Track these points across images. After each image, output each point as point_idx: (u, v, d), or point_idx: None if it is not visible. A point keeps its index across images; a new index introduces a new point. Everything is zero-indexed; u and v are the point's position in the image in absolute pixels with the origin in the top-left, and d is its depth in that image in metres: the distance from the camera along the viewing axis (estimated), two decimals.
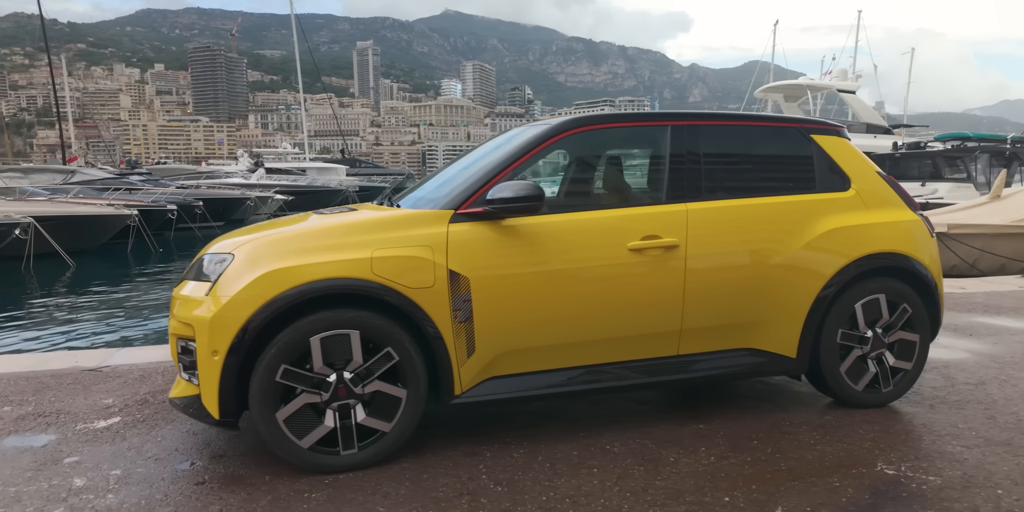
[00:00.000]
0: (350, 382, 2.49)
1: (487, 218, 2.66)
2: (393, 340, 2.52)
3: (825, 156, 3.20)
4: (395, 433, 2.56)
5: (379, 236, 2.57)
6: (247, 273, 2.44)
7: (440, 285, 2.56)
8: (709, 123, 3.09)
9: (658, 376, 2.90)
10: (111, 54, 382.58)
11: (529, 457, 2.66)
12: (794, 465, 2.56)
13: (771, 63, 42.57)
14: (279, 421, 2.44)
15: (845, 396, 3.13)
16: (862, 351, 3.13)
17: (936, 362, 3.98)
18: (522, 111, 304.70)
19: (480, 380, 2.69)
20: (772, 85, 20.88)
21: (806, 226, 3.03)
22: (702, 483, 2.42)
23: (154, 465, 2.62)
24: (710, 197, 2.98)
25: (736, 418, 3.07)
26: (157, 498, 2.34)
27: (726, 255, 2.92)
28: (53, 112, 51.95)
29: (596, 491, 2.36)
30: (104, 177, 30.70)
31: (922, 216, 3.32)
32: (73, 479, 2.50)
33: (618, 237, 2.78)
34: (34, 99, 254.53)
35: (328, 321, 2.45)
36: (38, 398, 3.47)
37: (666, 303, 2.84)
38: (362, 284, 2.46)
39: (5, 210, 14.95)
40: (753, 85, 22.67)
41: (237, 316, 2.38)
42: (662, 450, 2.72)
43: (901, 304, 3.16)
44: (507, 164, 2.78)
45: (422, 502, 2.28)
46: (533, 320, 2.69)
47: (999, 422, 2.99)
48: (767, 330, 3.02)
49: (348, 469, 2.51)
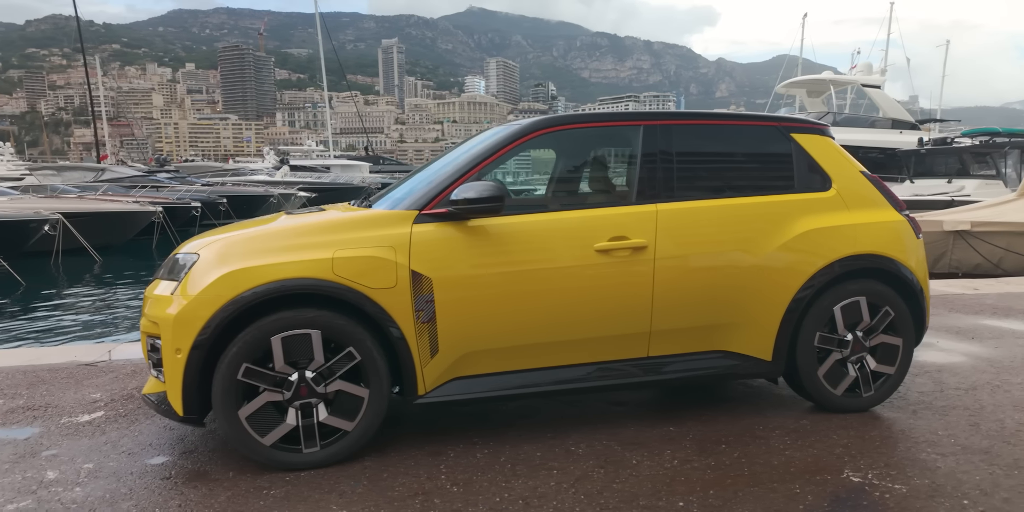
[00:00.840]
0: (312, 381, 2.52)
1: (451, 219, 2.67)
2: (355, 340, 2.54)
3: (805, 155, 3.14)
4: (357, 432, 2.59)
5: (342, 237, 2.59)
6: (210, 273, 2.48)
7: (402, 286, 2.57)
8: (683, 123, 3.04)
9: (627, 378, 2.87)
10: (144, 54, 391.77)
11: (492, 457, 2.66)
12: (758, 470, 2.52)
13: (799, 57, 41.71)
14: (241, 419, 2.48)
15: (824, 400, 3.07)
16: (841, 355, 3.06)
17: (929, 366, 3.88)
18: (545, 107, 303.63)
19: (445, 380, 2.70)
20: (794, 80, 20.44)
21: (782, 227, 2.97)
22: (659, 487, 2.39)
23: (126, 459, 2.69)
24: (683, 198, 2.94)
25: (709, 421, 3.03)
26: (122, 492, 2.40)
27: (697, 256, 2.88)
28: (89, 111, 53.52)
29: (551, 493, 2.36)
30: (132, 174, 31.51)
31: (907, 217, 3.23)
32: (47, 472, 2.58)
33: (585, 238, 2.76)
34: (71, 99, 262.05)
35: (288, 321, 2.48)
36: (31, 392, 3.59)
37: (634, 304, 2.82)
38: (322, 284, 2.49)
39: (35, 206, 15.48)
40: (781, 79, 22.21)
41: (200, 315, 2.42)
42: (627, 452, 2.70)
43: (883, 307, 3.08)
44: (473, 165, 2.78)
45: (376, 501, 2.30)
46: (498, 321, 2.69)
47: (982, 429, 2.90)
48: (741, 332, 2.97)
49: (310, 467, 2.55)
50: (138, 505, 2.30)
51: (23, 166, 38.48)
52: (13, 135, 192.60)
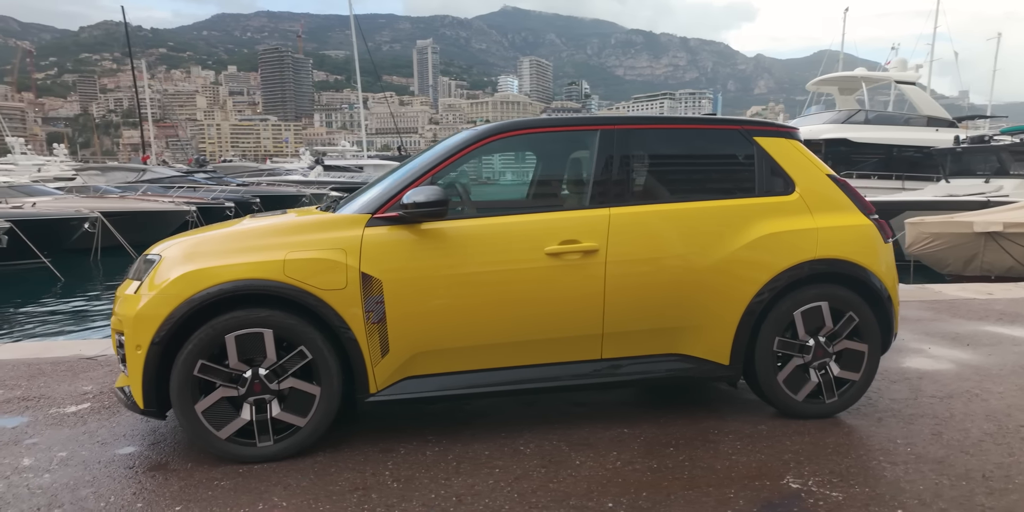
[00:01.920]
0: (265, 378, 2.63)
1: (402, 222, 2.74)
2: (306, 339, 2.64)
3: (768, 159, 3.11)
4: (309, 428, 2.69)
5: (295, 239, 2.69)
6: (169, 273, 2.61)
7: (352, 287, 2.66)
8: (642, 127, 3.06)
9: (579, 379, 2.90)
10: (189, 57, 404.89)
11: (440, 455, 2.73)
12: (698, 474, 2.53)
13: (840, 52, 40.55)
14: (198, 413, 2.60)
15: (784, 406, 3.05)
16: (803, 360, 3.04)
17: (911, 373, 3.79)
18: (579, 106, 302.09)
19: (396, 379, 2.78)
20: (825, 77, 19.89)
21: (739, 231, 2.96)
22: (594, 488, 2.42)
23: (98, 449, 2.85)
24: (638, 202, 2.96)
25: (665, 424, 3.04)
26: (86, 479, 2.55)
27: (649, 260, 2.89)
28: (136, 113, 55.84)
29: (486, 491, 2.41)
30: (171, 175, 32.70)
31: (876, 221, 3.17)
32: (23, 459, 2.76)
33: (535, 241, 2.80)
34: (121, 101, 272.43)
35: (241, 320, 2.59)
36: (29, 383, 3.81)
37: (585, 307, 2.85)
38: (273, 285, 2.59)
39: (77, 206, 16.27)
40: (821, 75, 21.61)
41: (157, 313, 2.55)
42: (573, 452, 2.74)
43: (846, 312, 3.04)
44: (426, 170, 2.85)
45: (316, 495, 2.39)
46: (448, 322, 2.75)
47: (943, 439, 2.84)
48: (697, 336, 2.97)
49: (264, 460, 2.66)
50: (96, 492, 2.44)
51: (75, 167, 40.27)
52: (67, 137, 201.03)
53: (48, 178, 33.24)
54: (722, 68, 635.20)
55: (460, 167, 2.93)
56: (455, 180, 3.12)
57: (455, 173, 2.97)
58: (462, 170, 3.02)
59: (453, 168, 2.90)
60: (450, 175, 2.96)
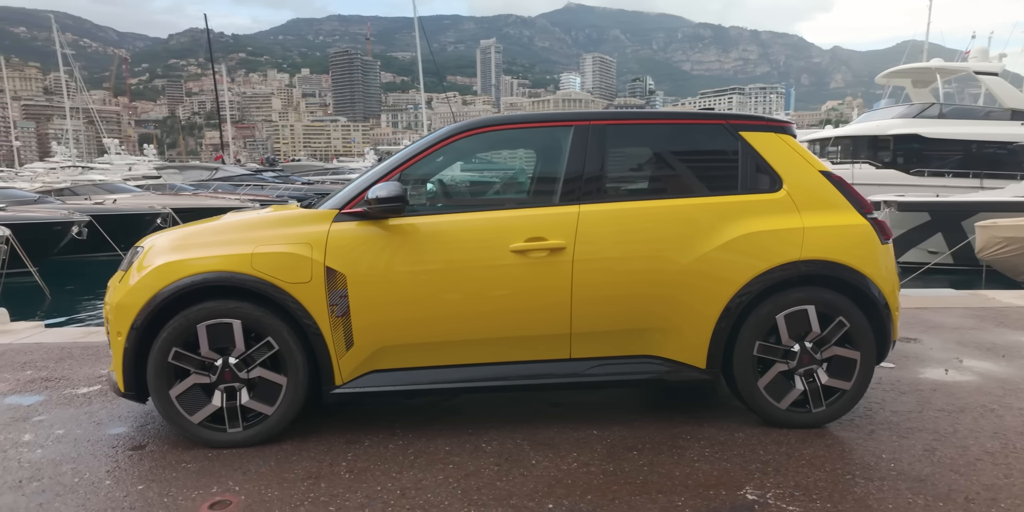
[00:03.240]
0: (235, 367, 2.74)
1: (367, 218, 2.78)
2: (272, 330, 2.72)
3: (754, 155, 2.97)
4: (276, 416, 2.77)
5: (264, 234, 2.78)
6: (148, 265, 2.76)
7: (317, 281, 2.72)
8: (618, 123, 2.98)
9: (547, 379, 2.86)
10: (266, 61, 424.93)
11: (401, 449, 2.76)
12: (653, 480, 2.45)
13: (925, 42, 38.07)
14: (172, 398, 2.73)
15: (766, 414, 2.90)
16: (787, 366, 2.88)
17: (926, 384, 3.53)
18: (642, 102, 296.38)
19: (362, 373, 2.82)
20: (896, 69, 18.65)
21: (717, 230, 2.84)
22: (540, 488, 2.39)
23: (92, 428, 3.04)
24: (611, 199, 2.89)
25: (638, 427, 2.96)
26: (71, 456, 2.73)
27: (619, 259, 2.81)
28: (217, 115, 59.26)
29: (432, 486, 2.42)
30: (241, 174, 34.38)
31: (873, 221, 2.97)
32: (24, 434, 2.98)
33: (500, 238, 2.78)
34: (204, 104, 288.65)
35: (211, 310, 2.70)
36: (57, 366, 4.10)
37: (552, 306, 2.80)
38: (241, 278, 2.69)
39: (150, 202, 17.48)
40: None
41: (135, 302, 2.70)
42: (533, 452, 2.70)
43: (836, 317, 2.86)
44: (394, 167, 2.88)
45: (269, 481, 2.47)
46: (412, 318, 2.77)
47: (935, 455, 2.63)
48: (671, 338, 2.87)
49: (233, 445, 2.76)
50: (75, 468, 2.61)
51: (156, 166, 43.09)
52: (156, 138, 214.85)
53: (137, 176, 35.77)
54: (795, 61, 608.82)
55: (431, 164, 2.95)
56: (427, 177, 3.13)
57: (427, 169, 2.98)
58: (436, 166, 3.03)
59: (423, 165, 2.92)
60: (421, 171, 2.98)
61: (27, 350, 4.51)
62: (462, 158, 3.17)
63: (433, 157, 2.93)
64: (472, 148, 3.08)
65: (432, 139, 2.94)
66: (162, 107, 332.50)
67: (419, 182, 3.07)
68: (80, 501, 2.34)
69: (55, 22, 70.02)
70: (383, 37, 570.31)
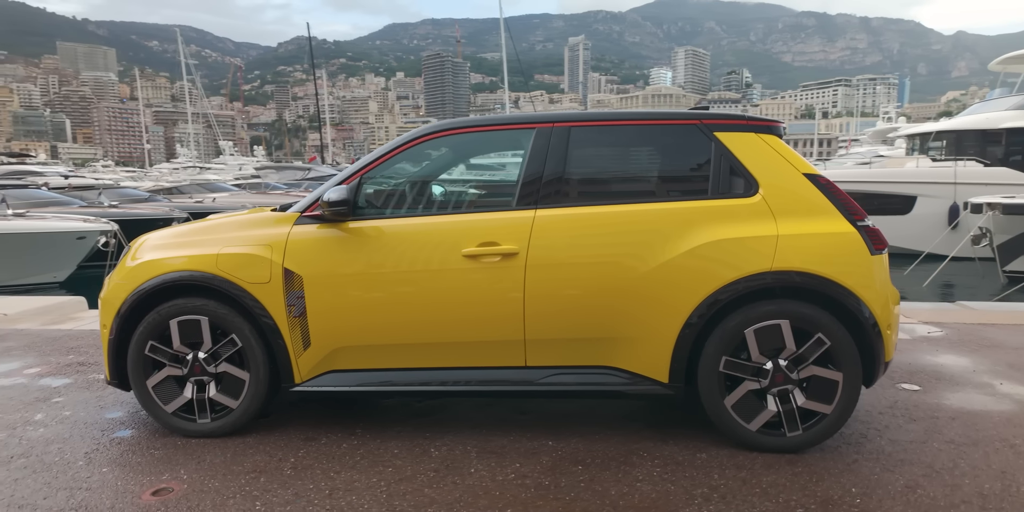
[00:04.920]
0: (204, 361, 2.89)
1: (324, 221, 2.85)
2: (235, 328, 2.85)
3: (728, 157, 2.77)
4: (240, 410, 2.90)
5: (231, 235, 2.91)
6: (129, 263, 2.97)
7: (276, 281, 2.82)
8: (582, 124, 2.87)
9: (502, 385, 2.81)
10: (364, 66, 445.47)
11: (352, 449, 2.81)
12: (584, 497, 2.34)
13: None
14: (149, 388, 2.93)
15: (734, 435, 2.71)
16: (759, 385, 2.67)
17: (944, 411, 3.16)
18: (738, 96, 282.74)
19: (320, 372, 2.89)
20: (1011, 55, 16.63)
21: (682, 237, 2.67)
22: (463, 498, 2.35)
23: (95, 412, 3.31)
24: (571, 204, 2.79)
25: (599, 439, 2.85)
26: (63, 437, 2.99)
27: (573, 265, 2.71)
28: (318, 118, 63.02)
29: (361, 488, 2.44)
30: (331, 174, 36.27)
31: (863, 229, 2.68)
32: (38, 414, 3.29)
33: (453, 243, 2.76)
34: (308, 108, 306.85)
35: (181, 307, 2.86)
36: (96, 352, 4.49)
37: (505, 312, 2.75)
38: (206, 277, 2.83)
39: (245, 201, 18.85)
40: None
41: (117, 297, 2.91)
42: (477, 460, 2.67)
43: (815, 334, 2.62)
44: (357, 169, 2.92)
45: (216, 472, 2.58)
46: (366, 320, 2.81)
47: (914, 495, 2.34)
48: (631, 349, 2.74)
49: (202, 435, 2.92)
50: (61, 448, 2.85)
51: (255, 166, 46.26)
52: (265, 140, 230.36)
53: (247, 176, 38.65)
54: (911, 49, 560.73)
55: (394, 167, 2.97)
56: (391, 180, 3.15)
57: (390, 173, 3.01)
58: (400, 170, 3.05)
59: (384, 168, 2.95)
60: (385, 175, 3.01)
61: (80, 336, 4.97)
62: (427, 161, 3.17)
63: (396, 160, 2.95)
64: (437, 151, 3.07)
65: (396, 142, 2.96)
66: (271, 111, 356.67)
67: (383, 185, 3.10)
68: (49, 479, 2.56)
69: (180, 35, 77.06)
70: (474, 38, 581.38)
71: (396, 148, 2.94)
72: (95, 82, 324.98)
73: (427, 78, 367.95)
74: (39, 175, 26.56)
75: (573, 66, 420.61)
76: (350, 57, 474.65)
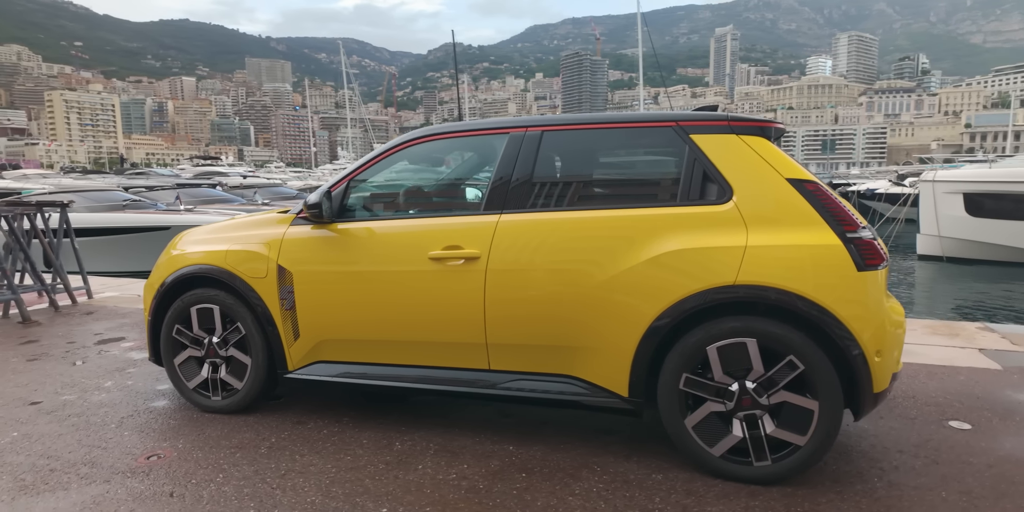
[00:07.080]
0: (216, 345, 3.25)
1: (311, 222, 3.07)
2: (240, 317, 3.17)
3: (702, 161, 2.58)
4: (244, 391, 3.22)
5: (242, 233, 3.24)
6: (166, 255, 3.41)
7: (271, 277, 3.09)
8: (556, 128, 2.82)
9: (466, 387, 2.85)
10: (505, 69, 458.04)
11: (329, 435, 3.00)
12: (505, 505, 2.32)
13: None
14: (175, 365, 3.35)
15: (696, 458, 2.53)
16: (723, 407, 2.47)
17: (987, 456, 2.70)
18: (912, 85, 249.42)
19: (309, 361, 3.13)
20: None
21: (644, 244, 2.54)
22: (393, 492, 2.43)
23: (150, 384, 3.84)
24: (536, 209, 2.76)
25: (561, 449, 2.79)
26: (114, 402, 3.51)
27: (532, 270, 2.68)
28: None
29: (313, 472, 2.62)
30: None
31: (851, 242, 2.37)
32: (108, 381, 3.88)
33: (421, 245, 2.85)
34: (452, 111, 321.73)
35: (199, 296, 3.24)
36: None
37: (466, 315, 2.79)
38: (216, 270, 3.18)
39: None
40: None
41: (154, 285, 3.37)
42: (430, 458, 2.74)
43: (786, 356, 2.37)
44: (346, 174, 3.11)
45: (205, 444, 2.90)
46: (344, 316, 2.99)
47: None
48: (591, 359, 2.65)
49: (214, 411, 3.28)
50: (107, 412, 3.35)
51: None
52: None
53: None
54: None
55: (379, 172, 3.12)
56: (377, 184, 3.30)
57: (376, 177, 3.17)
58: (386, 174, 3.20)
59: (372, 173, 3.11)
60: (372, 179, 3.17)
61: None
62: (410, 166, 3.28)
63: (381, 166, 3.10)
64: (419, 157, 3.18)
65: (382, 148, 3.11)
66: (420, 115, 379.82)
67: (368, 189, 3.26)
68: (82, 436, 3.03)
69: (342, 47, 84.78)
70: (614, 35, 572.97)
71: (381, 154, 3.09)
72: (274, 92, 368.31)
73: (565, 78, 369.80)
74: (224, 175, 30.49)
75: (719, 58, 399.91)
76: (492, 61, 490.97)
